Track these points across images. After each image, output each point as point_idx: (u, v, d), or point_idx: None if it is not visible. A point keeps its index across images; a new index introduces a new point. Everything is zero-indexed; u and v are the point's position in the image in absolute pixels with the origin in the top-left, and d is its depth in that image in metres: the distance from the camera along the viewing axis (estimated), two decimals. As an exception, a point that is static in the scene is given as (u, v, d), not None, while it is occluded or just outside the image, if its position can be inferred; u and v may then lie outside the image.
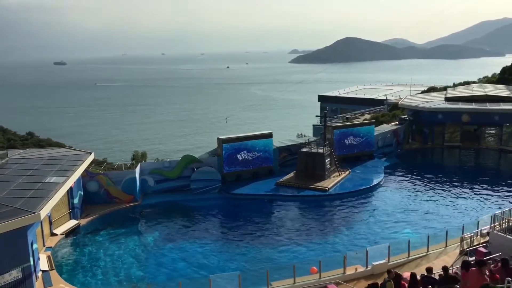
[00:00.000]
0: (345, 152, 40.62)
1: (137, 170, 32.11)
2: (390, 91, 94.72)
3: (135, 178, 31.59)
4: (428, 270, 14.34)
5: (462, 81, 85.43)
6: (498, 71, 77.83)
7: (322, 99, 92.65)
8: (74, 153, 30.55)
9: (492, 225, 21.28)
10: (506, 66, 72.38)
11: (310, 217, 29.66)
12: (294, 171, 36.71)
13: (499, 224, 20.93)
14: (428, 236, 21.97)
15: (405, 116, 50.21)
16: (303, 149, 36.95)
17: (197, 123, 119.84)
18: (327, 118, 44.76)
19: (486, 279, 12.17)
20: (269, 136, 37.31)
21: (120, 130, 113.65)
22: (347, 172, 37.25)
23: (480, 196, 32.43)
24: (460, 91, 56.05)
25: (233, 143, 35.50)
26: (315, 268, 19.59)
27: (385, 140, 44.43)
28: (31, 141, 54.83)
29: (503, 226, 20.43)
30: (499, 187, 34.31)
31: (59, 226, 26.54)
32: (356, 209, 30.59)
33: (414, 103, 50.77)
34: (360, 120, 59.87)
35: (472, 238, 22.06)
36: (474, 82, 74.54)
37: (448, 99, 50.34)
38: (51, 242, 24.88)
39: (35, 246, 20.74)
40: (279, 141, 40.64)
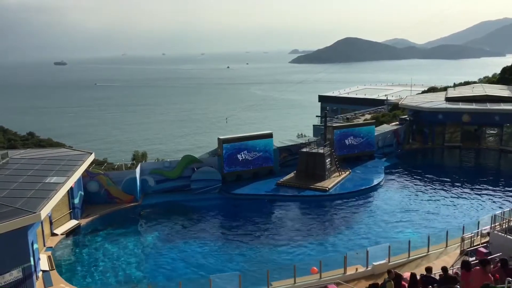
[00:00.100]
0: (346, 152, 40.62)
1: (138, 170, 32.11)
2: (391, 91, 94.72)
3: (136, 178, 31.59)
4: (428, 270, 14.34)
5: (463, 81, 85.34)
6: (499, 71, 77.76)
7: (323, 99, 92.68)
8: (75, 153, 30.54)
9: (493, 225, 21.29)
10: (507, 66, 72.30)
11: (311, 217, 29.66)
12: (295, 171, 36.71)
13: (500, 224, 20.94)
14: (429, 236, 21.98)
15: (406, 116, 50.20)
16: (304, 149, 36.95)
17: (197, 123, 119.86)
18: (328, 118, 44.77)
19: (490, 278, 12.15)
20: (270, 136, 37.32)
21: (121, 130, 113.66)
22: (348, 172, 37.25)
23: (481, 196, 32.43)
24: (461, 91, 56.03)
25: (234, 143, 35.51)
26: (316, 268, 19.60)
27: (386, 140, 44.43)
28: (32, 141, 54.88)
29: (504, 226, 20.45)
30: (500, 187, 34.32)
31: (60, 226, 26.56)
32: (357, 209, 30.58)
33: (415, 103, 50.77)
34: (361, 120, 59.86)
35: (473, 238, 22.07)
36: (475, 82, 74.51)
37: (449, 99, 50.35)
38: (52, 242, 24.89)
39: (36, 246, 20.75)
40: (280, 141, 40.65)
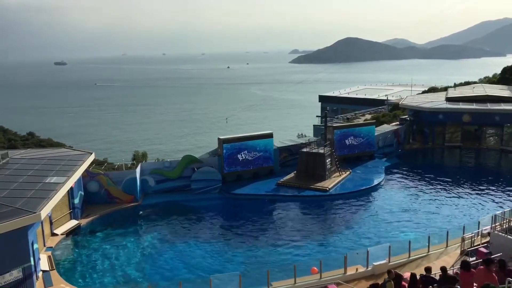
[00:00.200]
0: (346, 152, 40.59)
1: (138, 170, 32.09)
2: (391, 91, 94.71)
3: (136, 178, 31.57)
4: (427, 270, 14.34)
5: (463, 81, 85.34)
6: (499, 71, 77.73)
7: (323, 99, 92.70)
8: (75, 153, 30.52)
9: (493, 226, 21.26)
10: (507, 66, 72.20)
11: (311, 217, 29.65)
12: (295, 171, 36.69)
13: (500, 225, 20.92)
14: (429, 236, 21.96)
15: (406, 116, 50.16)
16: (304, 149, 36.94)
17: (198, 123, 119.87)
18: (328, 118, 44.75)
19: (494, 277, 12.15)
20: (270, 136, 37.30)
21: (121, 130, 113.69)
22: (348, 172, 37.23)
23: (481, 196, 32.40)
24: (461, 91, 56.02)
25: (234, 143, 35.49)
26: (316, 268, 19.59)
27: (386, 140, 44.40)
28: (32, 141, 54.89)
29: (504, 227, 20.44)
30: (500, 187, 34.28)
31: (60, 226, 26.54)
32: (357, 209, 30.55)
33: (415, 103, 50.75)
34: (361, 120, 59.84)
35: (473, 239, 22.03)
36: (475, 82, 74.52)
37: (449, 99, 50.32)
38: (52, 242, 24.88)
39: (36, 246, 20.74)
40: (280, 141, 40.62)
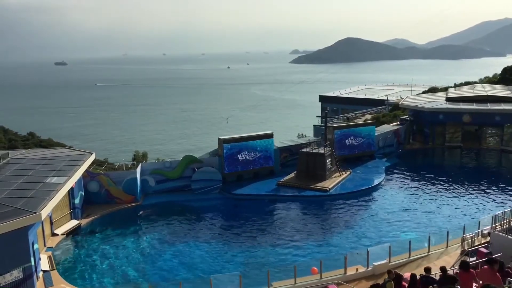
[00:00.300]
0: (346, 153, 40.59)
1: (138, 171, 32.10)
2: (391, 91, 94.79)
3: (136, 179, 31.58)
4: (427, 270, 14.36)
5: (463, 81, 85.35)
6: (499, 71, 77.75)
7: (323, 99, 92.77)
8: (75, 154, 30.52)
9: (493, 226, 21.27)
10: (507, 66, 72.21)
11: (311, 218, 29.63)
12: (295, 172, 36.70)
13: (500, 225, 20.92)
14: (429, 237, 21.97)
15: (406, 117, 50.20)
16: (304, 150, 36.94)
17: (198, 124, 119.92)
18: (328, 119, 44.75)
19: (498, 277, 12.17)
20: (270, 137, 37.30)
21: (121, 131, 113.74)
22: (348, 173, 37.23)
23: (481, 197, 32.39)
24: (461, 92, 56.02)
25: (234, 143, 35.50)
26: (316, 269, 19.60)
27: (386, 141, 44.40)
28: (32, 142, 54.83)
29: (504, 227, 20.45)
30: (500, 188, 34.26)
31: (60, 226, 26.55)
32: (357, 210, 30.54)
33: (415, 104, 50.76)
34: (361, 121, 59.86)
35: (473, 239, 22.04)
36: (475, 83, 74.51)
37: (449, 100, 50.32)
38: (52, 242, 24.88)
39: (36, 246, 20.74)
40: (280, 142, 40.62)
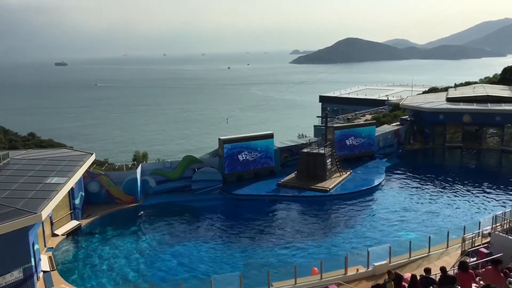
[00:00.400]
0: (346, 153, 40.57)
1: (138, 171, 32.09)
2: (391, 92, 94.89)
3: (136, 179, 31.56)
4: (427, 271, 14.36)
5: (463, 82, 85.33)
6: (500, 72, 77.73)
7: (323, 100, 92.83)
8: (75, 154, 30.50)
9: (494, 226, 21.22)
10: (508, 67, 72.17)
11: (311, 218, 29.59)
12: (295, 172, 36.68)
13: (501, 225, 20.89)
14: (430, 237, 21.94)
15: (406, 117, 50.18)
16: (304, 150, 36.92)
17: (198, 124, 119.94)
18: (328, 119, 44.75)
19: (502, 277, 12.18)
20: (270, 137, 37.28)
21: (121, 131, 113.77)
22: (348, 173, 37.21)
23: (481, 197, 32.37)
24: (461, 92, 55.98)
25: (234, 144, 35.49)
26: (316, 269, 19.60)
27: (386, 141, 44.38)
28: (33, 142, 54.83)
29: (505, 227, 20.43)
30: (501, 188, 34.22)
31: (60, 227, 26.54)
32: (357, 210, 30.53)
33: (415, 104, 50.74)
34: (361, 121, 59.86)
35: (474, 239, 22.00)
36: (476, 83, 74.49)
37: (449, 100, 50.29)
38: (52, 243, 24.88)
39: (36, 247, 20.73)
40: (280, 142, 40.59)
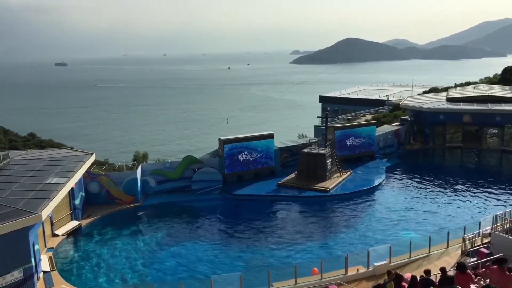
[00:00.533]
0: (346, 153, 40.55)
1: (139, 171, 32.08)
2: (391, 92, 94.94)
3: (137, 179, 31.55)
4: (426, 272, 14.35)
5: (464, 82, 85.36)
6: (500, 72, 77.74)
7: (323, 100, 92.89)
8: (76, 154, 30.50)
9: (494, 226, 21.21)
10: (508, 67, 72.17)
11: (311, 218, 29.59)
12: (295, 172, 36.67)
13: (501, 225, 20.90)
14: (430, 237, 21.93)
15: (407, 117, 50.15)
16: (305, 150, 36.90)
17: (198, 124, 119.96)
18: (329, 119, 44.75)
19: (508, 276, 12.17)
20: (271, 137, 37.27)
21: (121, 131, 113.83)
22: (349, 173, 37.20)
23: (482, 197, 32.34)
24: (462, 92, 55.97)
25: (234, 144, 35.48)
26: (316, 269, 19.58)
27: (387, 141, 44.36)
28: (33, 142, 54.89)
29: (505, 227, 20.43)
30: (501, 188, 34.19)
31: (61, 227, 26.53)
32: (358, 210, 30.52)
33: (416, 104, 50.73)
34: (362, 121, 59.86)
35: (474, 239, 21.98)
36: (476, 83, 74.51)
37: (450, 100, 50.27)
38: (53, 243, 24.87)
39: (37, 247, 20.73)
40: (281, 142, 40.57)
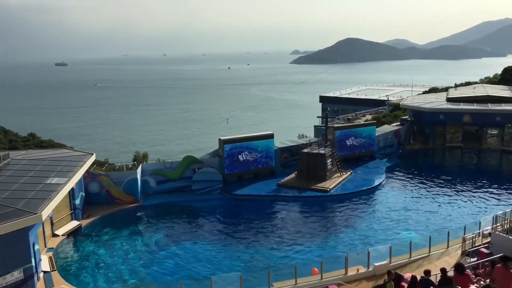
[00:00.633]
0: (347, 153, 40.56)
1: (139, 171, 32.09)
2: (392, 92, 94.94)
3: (137, 179, 31.57)
4: (426, 273, 14.36)
5: (464, 82, 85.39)
6: (500, 72, 77.76)
7: (323, 100, 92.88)
8: (76, 154, 30.52)
9: (494, 226, 21.22)
10: (508, 67, 72.21)
11: (312, 218, 29.60)
12: (296, 172, 36.67)
13: (501, 225, 20.91)
14: (430, 237, 21.95)
15: (407, 117, 50.16)
16: (305, 150, 36.90)
17: (198, 124, 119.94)
18: (329, 119, 44.74)
19: None
20: (271, 137, 37.27)
21: (122, 131, 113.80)
22: (349, 173, 37.20)
23: (482, 197, 32.34)
24: (462, 92, 55.99)
25: (235, 144, 35.48)
26: (316, 269, 19.59)
27: (387, 141, 44.37)
28: (33, 142, 54.89)
29: (505, 227, 20.44)
30: (501, 188, 34.19)
31: (61, 227, 26.54)
32: (358, 210, 30.53)
33: (416, 104, 50.74)
34: (362, 121, 59.86)
35: (474, 239, 22.00)
36: (476, 83, 74.54)
37: (450, 100, 50.28)
38: (53, 243, 24.87)
39: (37, 247, 20.73)
40: (281, 142, 40.58)
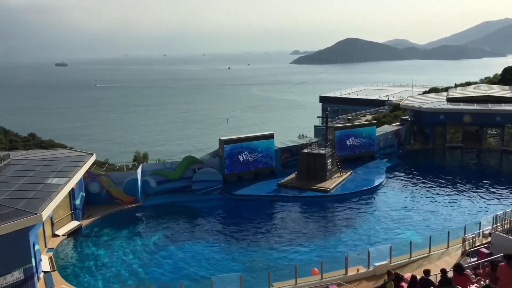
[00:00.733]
0: (347, 153, 40.56)
1: (139, 171, 32.11)
2: (392, 92, 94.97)
3: (137, 179, 31.58)
4: (426, 273, 14.36)
5: (464, 82, 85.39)
6: (500, 72, 77.75)
7: (324, 100, 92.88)
8: (76, 154, 30.55)
9: (494, 226, 21.21)
10: (508, 67, 72.19)
11: (312, 218, 29.62)
12: (296, 172, 36.68)
13: (501, 225, 20.89)
14: (430, 237, 21.95)
15: (407, 117, 50.17)
16: (305, 150, 36.90)
17: (198, 124, 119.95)
18: (329, 119, 44.75)
19: None
20: (271, 137, 37.27)
21: (122, 131, 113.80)
22: (349, 173, 37.20)
23: (482, 197, 32.35)
24: (462, 92, 56.00)
25: (235, 144, 35.48)
26: (316, 269, 19.60)
27: (387, 141, 44.37)
28: (33, 142, 54.90)
29: (505, 227, 20.43)
30: (501, 188, 34.20)
31: (61, 227, 26.56)
32: (358, 210, 30.54)
33: (416, 104, 50.75)
34: (362, 121, 59.87)
35: (474, 239, 22.01)
36: (476, 83, 74.55)
37: (450, 100, 50.27)
38: (53, 243, 24.89)
39: (37, 247, 20.76)
40: (281, 142, 40.58)
